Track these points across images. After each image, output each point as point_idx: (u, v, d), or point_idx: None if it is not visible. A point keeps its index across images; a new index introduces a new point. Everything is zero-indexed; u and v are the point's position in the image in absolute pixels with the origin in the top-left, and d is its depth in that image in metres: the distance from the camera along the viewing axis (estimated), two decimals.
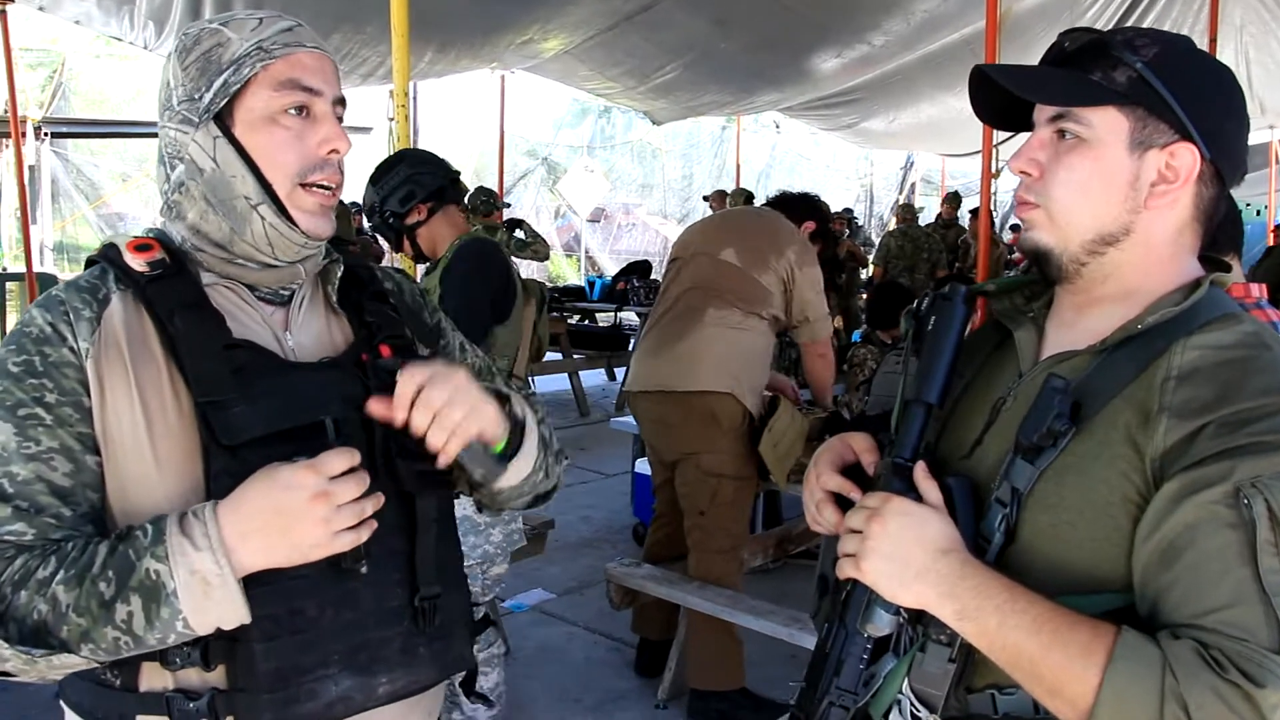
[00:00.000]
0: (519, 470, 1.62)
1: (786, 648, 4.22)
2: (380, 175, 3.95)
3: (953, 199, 14.76)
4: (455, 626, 1.62)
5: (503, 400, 1.59)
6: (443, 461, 1.47)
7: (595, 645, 5.25)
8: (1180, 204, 1.38)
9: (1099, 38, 1.39)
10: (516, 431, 1.60)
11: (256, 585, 1.37)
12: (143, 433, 1.44)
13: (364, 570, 1.45)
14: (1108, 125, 1.36)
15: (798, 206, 4.80)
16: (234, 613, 1.35)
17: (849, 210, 18.73)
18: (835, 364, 4.75)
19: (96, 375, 1.44)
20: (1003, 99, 1.43)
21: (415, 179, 3.91)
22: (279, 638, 1.41)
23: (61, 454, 1.41)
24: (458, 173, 4.09)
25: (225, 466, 1.42)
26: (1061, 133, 1.39)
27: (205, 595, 1.32)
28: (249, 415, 1.44)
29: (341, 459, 1.37)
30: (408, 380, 1.43)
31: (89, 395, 1.44)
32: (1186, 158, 1.34)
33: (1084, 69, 1.38)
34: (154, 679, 1.44)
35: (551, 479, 1.78)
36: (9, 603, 1.34)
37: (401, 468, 1.50)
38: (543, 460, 1.69)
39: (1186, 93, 1.34)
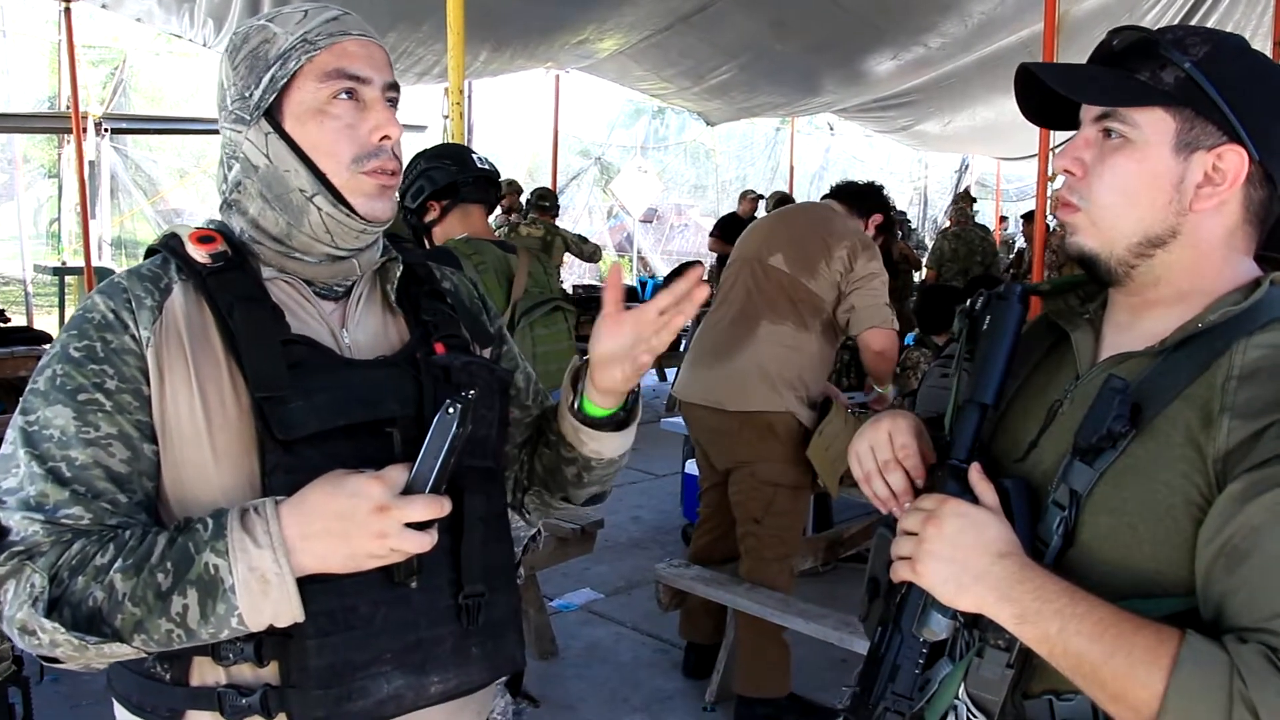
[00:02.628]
0: (623, 443, 1.68)
1: (836, 651, 4.21)
2: (404, 173, 3.78)
3: (964, 198, 14.43)
4: (506, 627, 1.62)
5: None
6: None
7: (643, 646, 5.24)
8: (1229, 207, 1.35)
9: (1148, 36, 1.36)
10: (634, 400, 1.65)
11: (311, 582, 1.37)
12: (201, 424, 1.45)
13: (414, 585, 1.46)
14: (1154, 126, 1.34)
15: (864, 199, 4.62)
16: (289, 611, 1.35)
17: (902, 213, 18.57)
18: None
19: (157, 365, 1.45)
20: (1050, 98, 1.41)
21: (427, 174, 3.74)
22: (332, 634, 1.42)
23: (120, 440, 1.43)
24: (493, 173, 3.88)
25: (280, 461, 1.43)
26: (1107, 132, 1.37)
27: (263, 593, 1.33)
28: (305, 411, 1.44)
29: (405, 474, 1.38)
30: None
31: (148, 384, 1.45)
32: (1234, 160, 1.32)
33: (1131, 68, 1.36)
34: (205, 674, 1.45)
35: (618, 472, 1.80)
36: (65, 587, 1.34)
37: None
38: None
39: (1236, 94, 1.32)
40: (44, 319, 13.42)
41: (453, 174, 3.74)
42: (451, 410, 1.37)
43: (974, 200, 14.02)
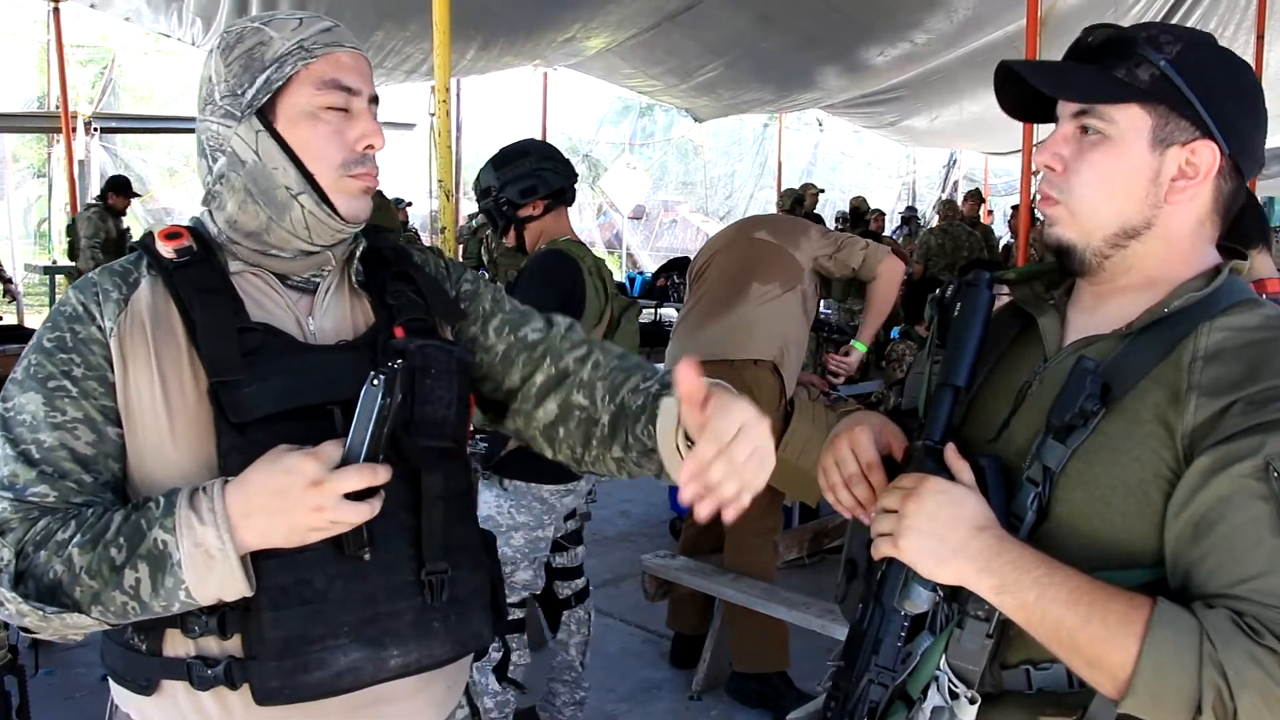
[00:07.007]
0: None
1: (820, 640, 4.23)
2: (505, 161, 3.92)
3: (975, 196, 14.54)
4: (471, 604, 1.65)
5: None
6: (729, 516, 1.31)
7: (631, 637, 5.29)
8: (1200, 198, 1.40)
9: (1123, 33, 1.41)
10: None
11: (266, 557, 1.43)
12: (161, 408, 1.51)
13: (366, 557, 1.49)
14: (1130, 122, 1.38)
15: None
16: (234, 585, 1.40)
17: (913, 209, 18.52)
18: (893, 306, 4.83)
19: (120, 352, 1.52)
20: (1028, 92, 1.45)
21: (540, 174, 3.88)
22: (287, 608, 1.47)
23: (85, 424, 1.50)
24: (577, 176, 4.07)
25: (234, 444, 1.48)
26: (1085, 128, 1.41)
27: (207, 568, 1.38)
28: (258, 395, 1.50)
29: (341, 450, 1.40)
30: (711, 442, 1.30)
31: (113, 371, 1.52)
32: (1207, 155, 1.37)
33: (1108, 65, 1.40)
34: (177, 645, 1.51)
35: None
36: (30, 561, 1.41)
37: (406, 443, 1.52)
38: None
39: (1208, 91, 1.36)
40: (34, 318, 13.42)
41: (562, 180, 3.92)
42: (376, 382, 1.40)
43: (983, 200, 14.06)
